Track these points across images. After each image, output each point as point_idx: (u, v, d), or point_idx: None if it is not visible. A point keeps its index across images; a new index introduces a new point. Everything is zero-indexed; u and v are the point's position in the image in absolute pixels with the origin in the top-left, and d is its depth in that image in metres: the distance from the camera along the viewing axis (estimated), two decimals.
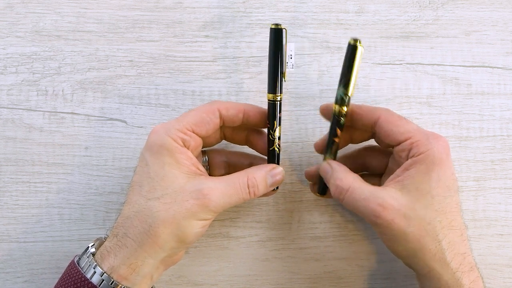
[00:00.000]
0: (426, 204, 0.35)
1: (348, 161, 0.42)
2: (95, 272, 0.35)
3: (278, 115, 0.39)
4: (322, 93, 0.46)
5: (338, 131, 0.39)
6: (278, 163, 0.40)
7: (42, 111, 0.45)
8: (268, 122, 0.39)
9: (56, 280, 0.44)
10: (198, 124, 0.37)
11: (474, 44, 0.47)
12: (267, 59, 0.38)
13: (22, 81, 0.45)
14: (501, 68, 0.47)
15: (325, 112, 0.40)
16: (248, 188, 0.37)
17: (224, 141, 0.43)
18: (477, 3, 0.47)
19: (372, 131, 0.39)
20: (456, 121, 0.46)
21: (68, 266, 0.37)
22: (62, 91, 0.45)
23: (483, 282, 0.37)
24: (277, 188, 0.41)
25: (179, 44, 0.46)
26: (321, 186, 0.42)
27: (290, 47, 0.42)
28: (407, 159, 0.36)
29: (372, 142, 0.42)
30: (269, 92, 0.39)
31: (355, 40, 0.36)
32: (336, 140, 0.39)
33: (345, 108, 0.38)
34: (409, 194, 0.35)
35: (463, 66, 0.47)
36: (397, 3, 0.47)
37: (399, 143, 0.37)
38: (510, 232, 0.46)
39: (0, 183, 0.44)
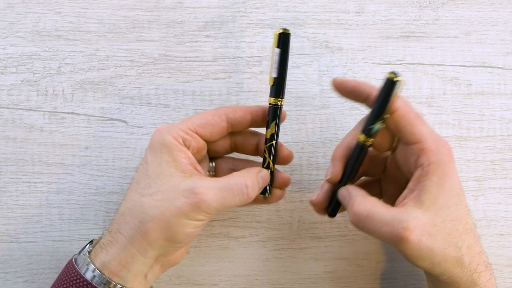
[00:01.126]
0: (444, 216, 0.35)
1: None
2: (87, 269, 0.35)
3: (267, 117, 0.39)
4: (322, 93, 0.46)
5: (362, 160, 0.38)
6: (267, 167, 0.40)
7: (42, 111, 0.45)
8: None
9: None
10: (202, 125, 0.37)
11: (474, 44, 0.47)
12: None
13: (22, 81, 0.45)
14: (501, 68, 0.47)
15: (340, 87, 0.38)
16: (246, 189, 0.36)
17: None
18: (477, 3, 0.47)
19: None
20: (456, 121, 0.46)
21: (66, 265, 0.37)
22: (62, 91, 0.45)
23: (494, 278, 0.37)
24: (266, 197, 0.40)
25: (179, 44, 0.46)
26: (330, 209, 0.40)
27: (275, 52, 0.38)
28: (416, 165, 0.36)
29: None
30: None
31: (394, 75, 0.34)
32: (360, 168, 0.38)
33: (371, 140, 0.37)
34: (428, 210, 0.35)
35: (463, 66, 0.47)
36: (397, 3, 0.47)
37: (407, 143, 0.37)
38: (510, 232, 0.46)
39: (0, 183, 0.44)
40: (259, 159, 0.42)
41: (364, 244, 0.45)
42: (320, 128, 0.45)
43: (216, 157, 0.42)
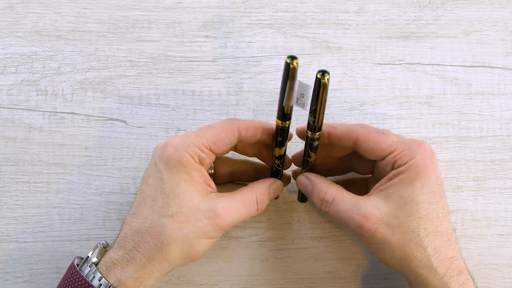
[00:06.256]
0: (409, 211, 0.35)
1: (335, 162, 0.42)
2: (100, 285, 0.35)
3: (278, 139, 0.39)
4: None
5: (311, 154, 0.39)
6: (278, 177, 0.41)
7: (42, 111, 0.45)
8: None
9: (56, 281, 0.44)
10: (215, 142, 0.37)
11: (474, 44, 0.47)
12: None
13: (22, 81, 0.45)
14: (501, 68, 0.47)
15: (301, 135, 0.41)
16: (257, 205, 0.38)
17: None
18: (477, 3, 0.47)
19: (352, 149, 0.39)
20: (456, 121, 0.46)
21: (69, 271, 0.37)
22: (62, 91, 0.45)
23: (474, 283, 0.37)
24: (277, 197, 0.42)
25: (179, 44, 0.46)
26: (300, 195, 0.43)
27: (302, 87, 0.35)
28: (392, 171, 0.37)
29: None
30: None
31: (323, 75, 0.34)
32: (310, 160, 0.40)
33: (317, 134, 0.38)
34: (392, 202, 0.35)
35: (463, 66, 0.47)
36: (397, 3, 0.47)
37: (383, 158, 0.37)
38: (510, 232, 0.45)
39: (0, 183, 0.44)
40: (257, 159, 0.42)
41: (364, 244, 0.45)
42: None
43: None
